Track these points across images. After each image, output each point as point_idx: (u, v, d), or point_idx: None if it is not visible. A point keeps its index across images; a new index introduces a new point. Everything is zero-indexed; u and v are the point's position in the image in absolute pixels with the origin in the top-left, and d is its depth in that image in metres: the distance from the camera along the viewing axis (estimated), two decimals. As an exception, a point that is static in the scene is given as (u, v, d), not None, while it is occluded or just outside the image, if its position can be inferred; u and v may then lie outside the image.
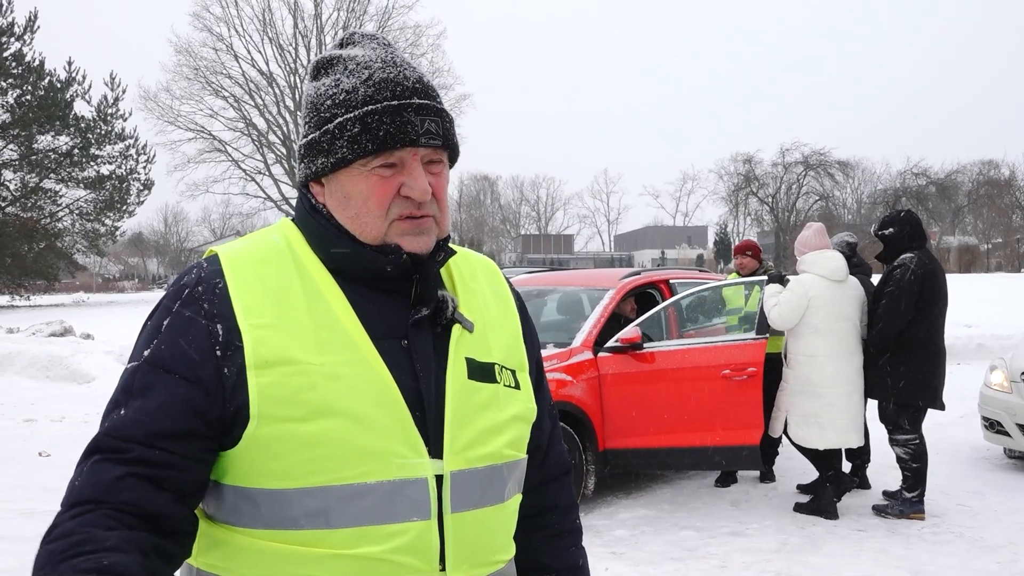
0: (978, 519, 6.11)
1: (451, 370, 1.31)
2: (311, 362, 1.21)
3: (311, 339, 1.22)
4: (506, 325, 1.45)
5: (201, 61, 47.22)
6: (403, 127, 1.26)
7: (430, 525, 1.24)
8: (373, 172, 1.27)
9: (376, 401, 1.23)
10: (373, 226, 1.28)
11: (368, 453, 1.21)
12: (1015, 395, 7.47)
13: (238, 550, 1.24)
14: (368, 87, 1.28)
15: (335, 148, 1.28)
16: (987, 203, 63.37)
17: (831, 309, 6.12)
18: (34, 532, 5.70)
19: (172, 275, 77.88)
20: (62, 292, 51.55)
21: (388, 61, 1.31)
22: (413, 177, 1.28)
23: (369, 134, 1.26)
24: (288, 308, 1.24)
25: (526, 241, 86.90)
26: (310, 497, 1.20)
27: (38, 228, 37.31)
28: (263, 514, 1.21)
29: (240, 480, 1.22)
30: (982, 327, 16.75)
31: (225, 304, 1.23)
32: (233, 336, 1.21)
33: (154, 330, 1.25)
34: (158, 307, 1.28)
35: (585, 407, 6.30)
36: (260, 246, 1.32)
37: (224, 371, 1.20)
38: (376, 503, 1.21)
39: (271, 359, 1.20)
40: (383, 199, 1.28)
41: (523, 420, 1.40)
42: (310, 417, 1.19)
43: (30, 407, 11.05)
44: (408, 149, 1.27)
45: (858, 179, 68.85)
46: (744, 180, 63.54)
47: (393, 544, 1.22)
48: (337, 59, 1.33)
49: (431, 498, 1.24)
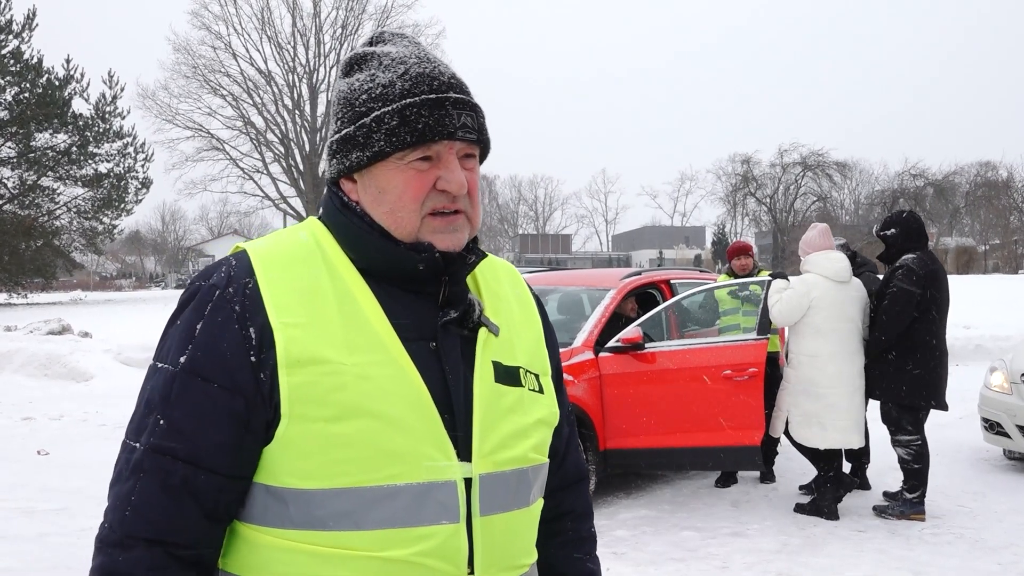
0: (979, 520, 6.11)
1: (479, 373, 1.30)
2: (342, 362, 1.20)
3: (342, 339, 1.22)
4: (529, 329, 1.46)
5: (199, 59, 47.14)
6: (441, 120, 1.27)
7: (459, 528, 1.24)
8: (410, 166, 1.27)
9: (406, 403, 1.22)
10: (408, 220, 1.28)
11: (397, 455, 1.21)
12: (1015, 396, 7.47)
13: (264, 551, 1.23)
14: (405, 81, 1.28)
15: (372, 141, 1.27)
16: (985, 204, 63.36)
17: (833, 310, 6.11)
18: (34, 531, 5.69)
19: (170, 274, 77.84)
20: (59, 290, 51.43)
21: (422, 57, 1.32)
22: (450, 170, 1.28)
23: (408, 126, 1.26)
24: (319, 307, 1.23)
25: (524, 241, 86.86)
26: (339, 498, 1.19)
27: (36, 226, 37.22)
28: (291, 514, 1.21)
29: (269, 479, 1.22)
30: (980, 328, 16.76)
31: (256, 304, 1.22)
32: (266, 336, 1.20)
33: (186, 334, 1.23)
34: (186, 306, 1.26)
35: (586, 407, 6.30)
36: (289, 244, 1.31)
37: (260, 375, 1.20)
38: (405, 505, 1.21)
39: (303, 358, 1.20)
40: (419, 192, 1.27)
41: (547, 424, 1.41)
42: (340, 417, 1.19)
43: (28, 405, 11.04)
44: (445, 142, 1.28)
45: (856, 180, 68.83)
46: (742, 180, 63.50)
47: (422, 547, 1.21)
48: (371, 55, 1.34)
49: (460, 501, 1.24)
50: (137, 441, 1.21)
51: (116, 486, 1.22)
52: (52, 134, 37.21)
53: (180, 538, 1.19)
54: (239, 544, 1.26)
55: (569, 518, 1.56)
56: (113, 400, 11.43)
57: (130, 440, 1.23)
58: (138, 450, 1.20)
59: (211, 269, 1.29)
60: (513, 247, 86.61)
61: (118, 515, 1.19)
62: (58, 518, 6.04)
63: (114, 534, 1.19)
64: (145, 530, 1.18)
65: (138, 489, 1.18)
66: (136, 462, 1.20)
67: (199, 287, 1.26)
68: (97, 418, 10.20)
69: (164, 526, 1.18)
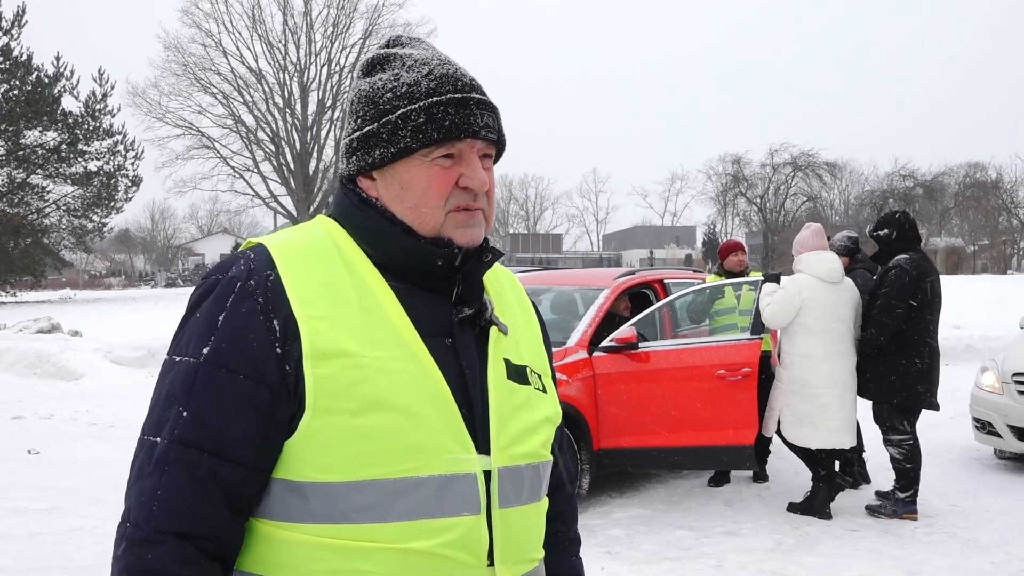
0: (971, 519, 6.13)
1: (492, 370, 1.33)
2: (364, 355, 1.22)
3: (363, 333, 1.23)
4: (531, 332, 1.50)
5: (190, 57, 46.97)
6: (466, 119, 1.30)
7: (480, 520, 1.26)
8: (434, 163, 1.30)
9: (427, 397, 1.24)
10: (432, 216, 1.30)
11: (419, 448, 1.22)
12: (1006, 396, 7.50)
13: (284, 547, 1.23)
14: (430, 81, 1.32)
15: (397, 138, 1.30)
16: (974, 205, 63.66)
17: (825, 310, 6.13)
18: (25, 531, 5.66)
19: (159, 272, 77.53)
20: (48, 289, 51.24)
21: (444, 59, 1.36)
22: (472, 168, 1.31)
23: (434, 124, 1.28)
24: (339, 302, 1.25)
25: (515, 240, 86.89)
26: (361, 491, 1.20)
27: (25, 224, 37.02)
28: (312, 508, 1.21)
29: (290, 473, 1.22)
30: (970, 328, 16.84)
31: (279, 296, 1.22)
32: (290, 328, 1.21)
33: (208, 326, 1.22)
34: (204, 299, 1.25)
35: (580, 406, 6.30)
36: (306, 239, 1.32)
37: (286, 367, 1.20)
38: (427, 497, 1.22)
39: (327, 351, 1.20)
40: (443, 189, 1.30)
41: (551, 422, 1.44)
42: (364, 410, 1.20)
43: (18, 404, 10.98)
44: (468, 141, 1.31)
45: (846, 180, 69.04)
46: (732, 180, 63.67)
47: (444, 539, 1.23)
48: (393, 56, 1.36)
49: (480, 493, 1.26)
50: (158, 436, 1.20)
51: (138, 483, 1.20)
52: (41, 132, 37.02)
53: (207, 531, 1.18)
54: (258, 542, 1.25)
55: (559, 520, 1.60)
56: (103, 399, 11.39)
57: (150, 436, 1.21)
58: (160, 444, 1.19)
59: (228, 262, 1.29)
60: (504, 246, 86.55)
61: (144, 511, 1.17)
62: (49, 517, 6.01)
63: (140, 531, 1.17)
64: (175, 524, 1.17)
65: (164, 483, 1.17)
66: (160, 456, 1.18)
67: (217, 280, 1.26)
68: (87, 417, 10.15)
69: (193, 519, 1.17)
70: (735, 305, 7.34)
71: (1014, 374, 7.52)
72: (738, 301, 7.33)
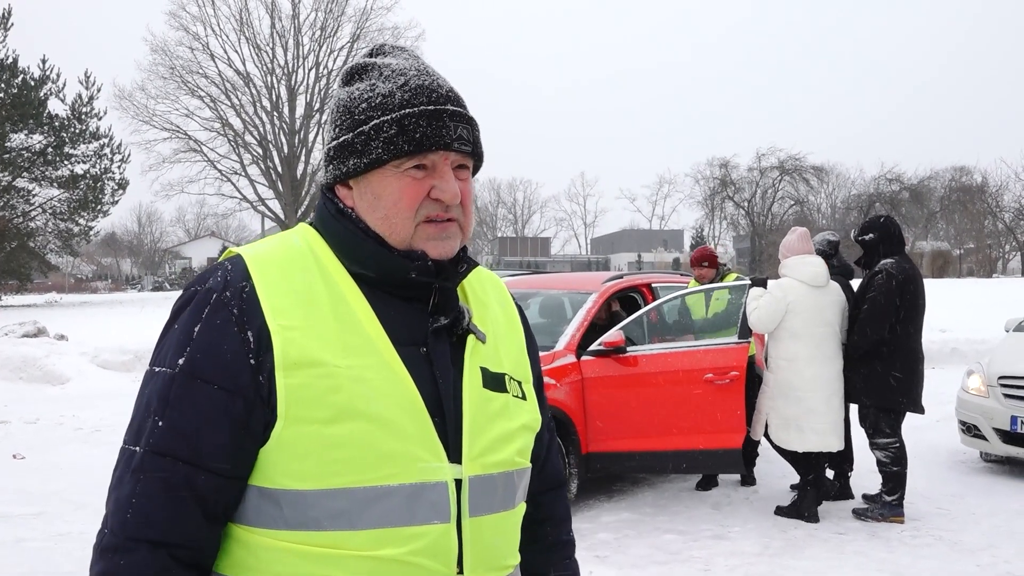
0: (957, 522, 6.16)
1: (467, 378, 1.34)
2: (337, 365, 1.23)
3: (337, 342, 1.24)
4: (513, 338, 1.50)
5: (177, 60, 46.80)
6: (439, 131, 1.31)
7: (449, 528, 1.27)
8: (406, 173, 1.31)
9: (399, 405, 1.25)
10: (402, 227, 1.31)
11: (391, 456, 1.23)
12: (992, 399, 7.54)
13: (258, 551, 1.24)
14: (405, 92, 1.33)
15: (369, 149, 1.31)
16: (960, 209, 64.02)
17: (810, 314, 6.14)
18: (11, 536, 5.63)
19: (146, 276, 77.20)
20: (34, 292, 50.90)
21: (422, 70, 1.36)
22: (444, 180, 1.32)
23: (406, 135, 1.29)
24: (314, 311, 1.26)
25: (503, 244, 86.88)
26: (333, 498, 1.21)
27: (10, 228, 36.80)
28: (285, 515, 1.22)
29: (263, 481, 1.23)
30: (956, 332, 16.94)
31: (254, 307, 1.24)
32: (263, 339, 1.22)
33: (184, 337, 1.24)
34: (182, 311, 1.28)
35: (568, 410, 6.30)
36: (284, 249, 1.33)
37: (259, 378, 1.21)
38: (397, 505, 1.23)
39: (299, 360, 1.22)
40: (414, 200, 1.31)
41: (530, 430, 1.45)
42: (336, 419, 1.21)
43: (3, 409, 10.92)
44: (441, 153, 1.32)
45: (832, 184, 69.36)
46: (720, 184, 63.88)
47: (413, 546, 1.24)
48: (371, 66, 1.37)
49: (451, 502, 1.27)
50: (136, 445, 1.22)
51: (116, 491, 1.22)
52: (27, 135, 36.82)
53: (182, 539, 1.20)
54: (233, 546, 1.27)
55: (549, 523, 1.60)
56: (89, 403, 11.33)
57: (129, 445, 1.24)
58: (138, 453, 1.21)
59: (207, 274, 1.31)
60: (492, 250, 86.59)
61: (119, 519, 1.20)
62: (35, 522, 5.98)
63: (115, 539, 1.19)
64: (148, 532, 1.18)
65: (139, 491, 1.19)
66: (136, 465, 1.20)
67: (195, 291, 1.28)
68: (73, 421, 10.10)
69: (167, 528, 1.19)
70: (704, 315, 7.30)
71: (1000, 377, 7.57)
72: (707, 310, 7.29)
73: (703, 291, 7.32)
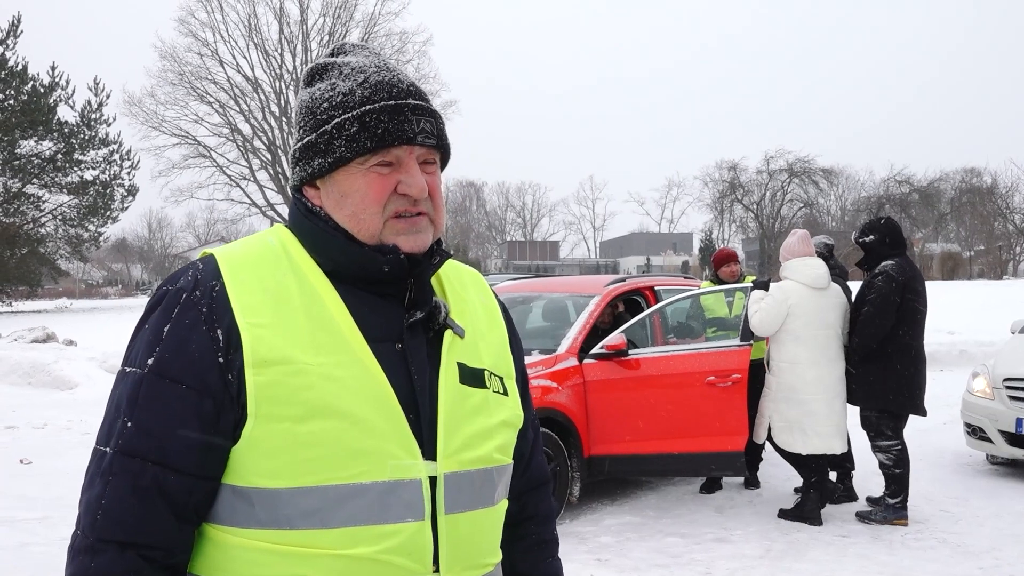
0: (961, 525, 6.13)
1: (444, 374, 1.33)
2: (308, 362, 1.22)
3: (308, 340, 1.24)
4: (494, 333, 1.48)
5: (186, 66, 47.10)
6: (401, 126, 1.30)
7: (424, 526, 1.26)
8: (371, 170, 1.31)
9: (371, 402, 1.24)
10: (370, 223, 1.31)
11: (363, 454, 1.23)
12: (997, 401, 7.51)
13: (230, 551, 1.24)
14: (365, 89, 1.32)
15: (333, 148, 1.31)
16: (969, 210, 63.82)
17: (812, 316, 6.12)
18: (15, 541, 5.65)
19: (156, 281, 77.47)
20: (45, 298, 51.18)
21: (381, 66, 1.36)
22: (410, 174, 1.31)
23: (367, 132, 1.29)
24: (285, 309, 1.26)
25: (512, 247, 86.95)
26: (305, 497, 1.21)
27: (21, 234, 37.06)
28: (258, 514, 1.22)
29: (236, 479, 1.23)
30: (964, 334, 16.86)
31: (223, 305, 1.24)
32: (232, 337, 1.22)
33: (154, 337, 1.24)
34: (153, 311, 1.28)
35: (570, 414, 6.30)
36: (256, 248, 1.34)
37: (228, 376, 1.21)
38: (370, 503, 1.23)
39: (269, 358, 1.22)
40: (380, 195, 1.30)
41: (511, 426, 1.43)
42: (307, 417, 1.21)
43: (11, 414, 10.95)
44: (405, 147, 1.31)
45: (842, 186, 69.32)
46: (729, 187, 63.82)
47: (387, 544, 1.23)
48: (331, 65, 1.37)
49: (425, 499, 1.26)
50: (106, 446, 1.22)
51: (87, 492, 1.22)
52: (37, 141, 37.10)
53: (152, 540, 1.20)
54: (206, 545, 1.27)
55: (533, 522, 1.59)
56: (97, 408, 11.34)
57: (100, 446, 1.24)
58: (108, 455, 1.21)
59: (178, 274, 1.31)
60: (501, 254, 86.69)
61: (89, 520, 1.20)
62: (39, 527, 6.00)
63: (86, 539, 1.20)
64: (116, 533, 1.18)
65: (108, 493, 1.19)
66: (106, 466, 1.21)
67: (166, 291, 1.28)
68: (81, 427, 10.14)
69: (136, 528, 1.19)
70: (727, 314, 7.33)
71: (1005, 379, 7.53)
72: (730, 310, 7.32)
73: (702, 293, 7.31)
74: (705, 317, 7.54)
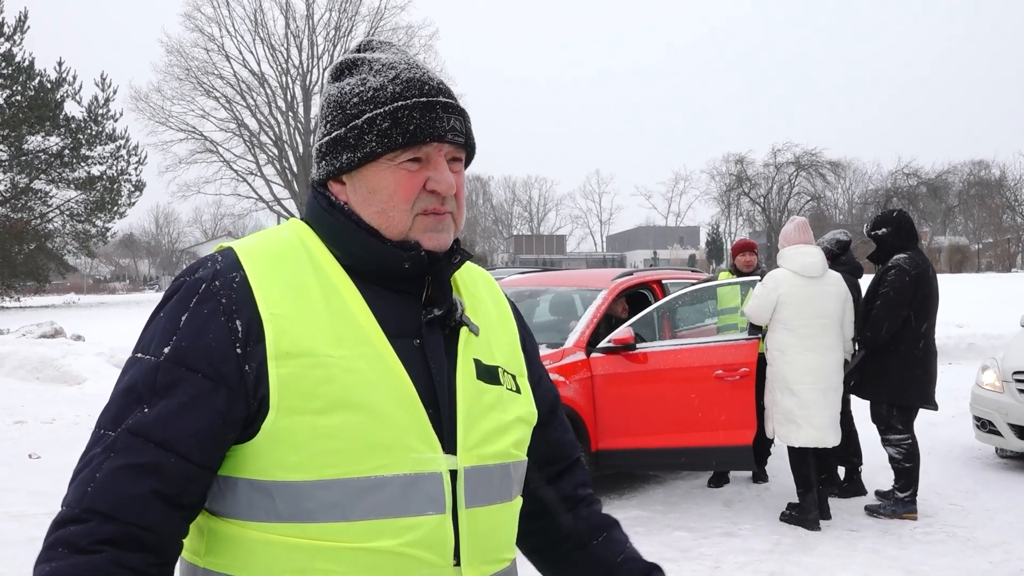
0: (971, 519, 6.11)
1: (461, 370, 1.34)
2: (329, 355, 1.22)
3: (329, 332, 1.24)
4: (506, 333, 1.49)
5: (192, 61, 47.14)
6: (432, 123, 1.30)
7: (445, 519, 1.26)
8: (401, 166, 1.30)
9: (392, 396, 1.24)
10: (399, 220, 1.31)
11: (384, 447, 1.23)
12: (1007, 395, 7.48)
13: (250, 546, 1.23)
14: (396, 85, 1.32)
15: (363, 143, 1.30)
16: (978, 203, 63.65)
17: (803, 305, 5.99)
18: (24, 536, 5.66)
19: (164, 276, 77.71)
20: (52, 293, 51.37)
21: (411, 63, 1.36)
22: (439, 171, 1.31)
23: (399, 128, 1.29)
24: (305, 301, 1.25)
25: (518, 241, 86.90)
26: (326, 490, 1.20)
27: (28, 229, 37.18)
28: (278, 508, 1.21)
29: (255, 473, 1.22)
30: (973, 327, 16.79)
31: (244, 296, 1.23)
32: (253, 329, 1.21)
33: (171, 325, 1.23)
34: (170, 300, 1.27)
35: (578, 408, 6.29)
36: (274, 241, 1.33)
37: (245, 367, 1.20)
38: (392, 496, 1.22)
39: (291, 350, 1.21)
40: (410, 192, 1.30)
41: (525, 423, 1.44)
42: (328, 410, 1.20)
43: (20, 409, 11.00)
44: (434, 144, 1.31)
45: (849, 179, 69.09)
46: (736, 180, 63.74)
47: (408, 538, 1.23)
48: (361, 61, 1.37)
49: (446, 492, 1.26)
50: (113, 430, 1.19)
51: (83, 471, 1.19)
52: (44, 137, 37.20)
53: (138, 519, 1.16)
54: (224, 541, 1.25)
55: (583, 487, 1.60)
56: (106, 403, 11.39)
57: (104, 429, 1.21)
58: (113, 435, 1.19)
59: (197, 265, 1.30)
60: (507, 248, 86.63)
61: (78, 493, 1.17)
62: (48, 522, 5.99)
63: (71, 511, 1.16)
64: (103, 505, 1.15)
65: (104, 467, 1.17)
66: (109, 444, 1.18)
67: (184, 281, 1.28)
68: (89, 421, 10.16)
69: (125, 505, 1.15)
70: (739, 305, 7.30)
71: (1015, 372, 7.50)
72: (742, 301, 7.29)
73: (713, 287, 7.30)
74: (717, 308, 7.49)
